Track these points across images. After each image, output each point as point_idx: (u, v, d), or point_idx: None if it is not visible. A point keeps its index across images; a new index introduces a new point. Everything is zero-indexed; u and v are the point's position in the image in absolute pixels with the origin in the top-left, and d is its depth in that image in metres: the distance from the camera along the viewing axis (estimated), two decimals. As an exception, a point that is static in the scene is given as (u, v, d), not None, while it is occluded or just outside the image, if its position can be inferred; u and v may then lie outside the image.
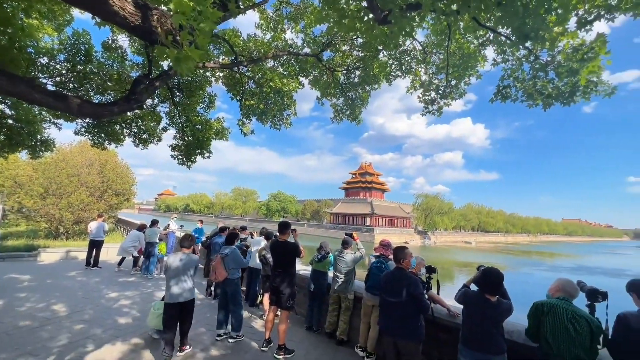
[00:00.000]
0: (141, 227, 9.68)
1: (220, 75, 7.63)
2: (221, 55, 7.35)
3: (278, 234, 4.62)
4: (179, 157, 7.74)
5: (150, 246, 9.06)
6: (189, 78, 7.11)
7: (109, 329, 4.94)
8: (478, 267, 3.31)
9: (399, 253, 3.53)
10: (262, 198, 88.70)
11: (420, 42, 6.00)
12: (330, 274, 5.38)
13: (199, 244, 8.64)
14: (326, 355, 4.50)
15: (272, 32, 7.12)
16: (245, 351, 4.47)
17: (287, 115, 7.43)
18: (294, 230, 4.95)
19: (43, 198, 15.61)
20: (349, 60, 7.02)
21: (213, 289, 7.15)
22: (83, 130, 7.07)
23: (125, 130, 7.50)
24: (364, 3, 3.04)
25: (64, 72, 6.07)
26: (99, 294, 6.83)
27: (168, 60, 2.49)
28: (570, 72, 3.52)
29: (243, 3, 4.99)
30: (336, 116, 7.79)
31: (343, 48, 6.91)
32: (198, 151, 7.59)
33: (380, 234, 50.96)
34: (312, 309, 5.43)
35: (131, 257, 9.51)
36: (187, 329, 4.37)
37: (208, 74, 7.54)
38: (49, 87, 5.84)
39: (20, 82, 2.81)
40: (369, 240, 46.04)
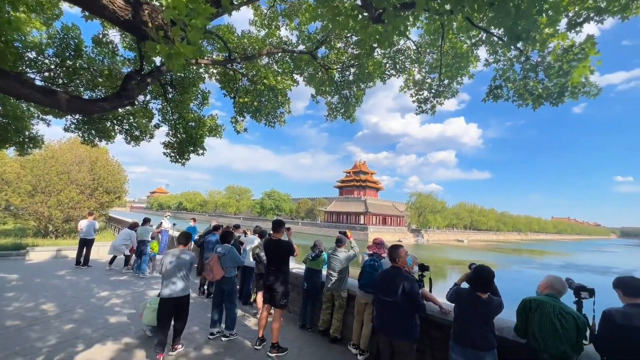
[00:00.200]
0: (133, 226, 9.56)
1: (214, 71, 7.55)
2: (215, 51, 7.27)
3: (272, 232, 4.61)
4: (172, 155, 7.65)
5: (142, 245, 8.96)
6: (182, 74, 7.02)
7: (100, 329, 4.87)
8: (470, 265, 3.36)
9: (395, 252, 3.52)
10: (256, 196, 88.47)
11: (414, 42, 6.03)
12: (324, 272, 5.39)
13: (192, 242, 8.57)
14: (319, 353, 4.52)
15: (267, 29, 7.06)
16: (238, 350, 4.46)
17: (281, 113, 7.38)
18: (288, 228, 4.94)
19: (31, 196, 15.30)
20: (344, 57, 7.01)
21: (206, 288, 7.12)
22: (73, 126, 6.94)
23: (116, 126, 7.38)
24: (358, 1, 3.04)
25: (53, 67, 5.93)
26: (90, 293, 6.73)
27: (160, 56, 2.45)
28: (560, 73, 3.58)
29: (237, -1, 4.93)
30: (330, 114, 7.78)
31: (338, 45, 6.89)
32: (191, 148, 7.51)
33: (374, 232, 51.25)
34: (306, 307, 5.43)
35: (122, 256, 9.40)
36: (182, 328, 4.34)
37: (201, 71, 7.45)
38: (37, 82, 5.72)
39: (7, 77, 2.74)
40: (363, 238, 46.27)
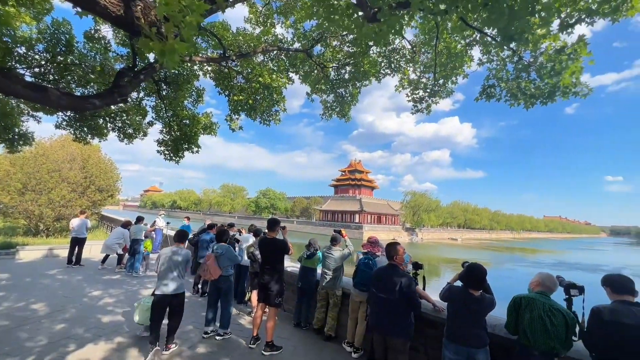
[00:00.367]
0: (126, 224, 9.46)
1: (208, 69, 7.48)
2: (209, 48, 7.21)
3: (267, 231, 4.60)
4: (166, 153, 7.57)
5: (135, 243, 8.87)
6: (176, 71, 6.94)
7: (92, 328, 4.82)
8: (463, 264, 3.39)
9: (392, 249, 3.51)
10: (251, 195, 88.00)
11: (409, 41, 6.05)
12: (318, 271, 5.40)
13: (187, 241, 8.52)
14: (314, 351, 4.53)
15: (262, 27, 7.02)
16: (232, 349, 4.45)
17: (277, 111, 7.35)
18: (283, 227, 4.94)
19: (21, 194, 15.03)
20: (340, 56, 7.00)
21: (200, 287, 7.08)
22: (64, 123, 6.82)
23: (109, 124, 7.28)
24: (354, 0, 3.04)
25: (43, 63, 5.82)
26: (82, 293, 6.65)
27: (153, 52, 2.43)
28: (552, 73, 3.62)
29: (232, -4, 4.89)
30: (326, 113, 7.78)
31: (334, 44, 6.88)
32: (185, 146, 7.44)
33: (369, 231, 51.45)
34: (301, 306, 5.44)
35: (115, 255, 9.29)
36: (176, 326, 4.32)
37: (196, 68, 7.38)
38: (27, 78, 5.62)
39: (-5, 72, 2.68)
40: (358, 237, 46.40)
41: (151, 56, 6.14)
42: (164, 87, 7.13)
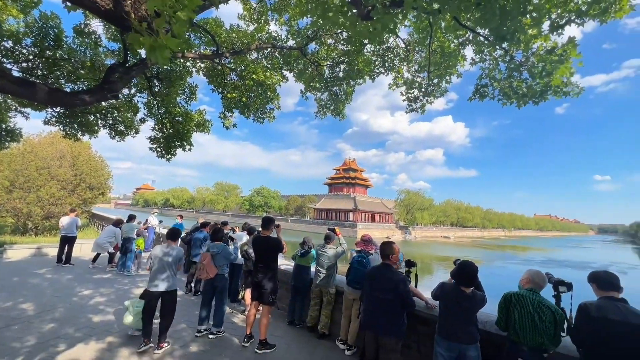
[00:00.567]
0: (117, 223, 9.32)
1: (201, 66, 7.40)
2: (202, 45, 7.13)
3: (261, 229, 4.58)
4: (158, 150, 7.48)
5: (127, 242, 8.76)
6: (168, 68, 6.86)
7: (82, 328, 4.75)
8: (455, 261, 3.43)
9: (388, 248, 3.48)
10: (245, 193, 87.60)
11: (403, 40, 6.06)
12: (312, 269, 5.41)
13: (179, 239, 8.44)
14: (307, 349, 4.54)
15: (256, 24, 6.96)
16: (225, 347, 4.44)
17: (271, 109, 7.32)
18: (278, 225, 4.93)
19: (9, 192, 14.72)
20: (334, 54, 6.99)
21: (193, 285, 7.03)
22: (54, 120, 6.70)
23: (100, 121, 7.16)
24: (348, -2, 3.03)
25: (31, 58, 5.69)
26: (72, 292, 6.54)
27: (143, 48, 2.39)
28: (543, 73, 3.68)
29: (225, -8, 4.83)
30: (320, 111, 7.76)
31: (328, 42, 6.86)
32: (178, 144, 7.36)
33: (362, 229, 51.63)
34: (295, 304, 5.45)
35: (107, 254, 9.16)
36: (168, 325, 4.30)
37: (189, 65, 7.30)
38: (15, 73, 5.49)
39: (-21, 67, 2.61)
40: (352, 235, 46.58)
41: (143, 52, 6.05)
42: (156, 84, 7.04)
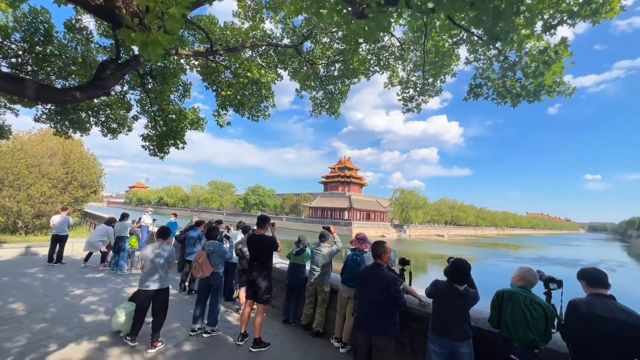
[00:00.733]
0: (110, 221, 9.21)
1: (195, 63, 7.33)
2: (196, 42, 7.05)
3: (256, 228, 4.57)
4: (151, 148, 7.39)
5: (120, 241, 8.67)
6: (162, 65, 6.77)
7: (74, 328, 4.69)
8: (448, 259, 3.46)
9: (379, 248, 3.46)
10: (240, 191, 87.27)
11: (398, 39, 6.07)
12: (307, 267, 5.41)
13: (173, 238, 8.38)
14: (302, 347, 4.55)
15: (251, 22, 6.90)
16: (220, 346, 4.42)
17: (266, 107, 7.27)
18: (273, 223, 4.92)
19: (-2, 190, 14.44)
20: (329, 52, 6.97)
21: (187, 284, 6.99)
22: (44, 117, 6.57)
23: (92, 118, 7.05)
24: (343, -5, 3.02)
25: (21, 53, 5.57)
26: (63, 291, 6.45)
27: (135, 44, 2.35)
28: (536, 73, 3.72)
29: (219, -11, 4.79)
30: (315, 109, 7.74)
31: (323, 40, 6.84)
32: (171, 142, 7.27)
33: (358, 228, 51.83)
34: (289, 302, 5.45)
35: (99, 253, 9.06)
36: (161, 324, 4.27)
37: (182, 62, 7.21)
38: (4, 69, 5.38)
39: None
40: (347, 233, 46.73)
41: (136, 48, 5.97)
42: (149, 81, 6.95)
